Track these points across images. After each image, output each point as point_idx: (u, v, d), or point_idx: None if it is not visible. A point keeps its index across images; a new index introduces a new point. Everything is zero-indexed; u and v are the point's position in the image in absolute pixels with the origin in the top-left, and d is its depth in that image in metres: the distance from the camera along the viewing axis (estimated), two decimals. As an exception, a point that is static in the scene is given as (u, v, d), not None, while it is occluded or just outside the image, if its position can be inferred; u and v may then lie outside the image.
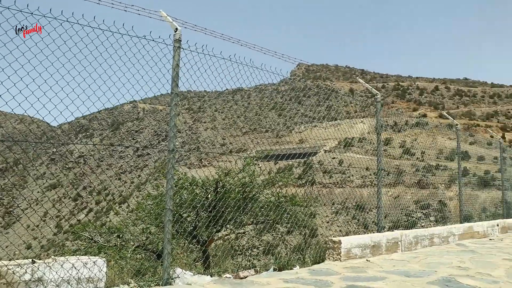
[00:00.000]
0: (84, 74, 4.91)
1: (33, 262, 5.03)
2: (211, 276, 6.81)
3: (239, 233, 12.79)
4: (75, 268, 5.31)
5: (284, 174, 12.83)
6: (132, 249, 9.83)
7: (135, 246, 10.08)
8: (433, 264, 6.55)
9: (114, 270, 7.48)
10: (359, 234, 8.66)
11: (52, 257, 5.44)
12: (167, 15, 5.62)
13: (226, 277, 6.88)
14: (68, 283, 5.24)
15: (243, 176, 10.87)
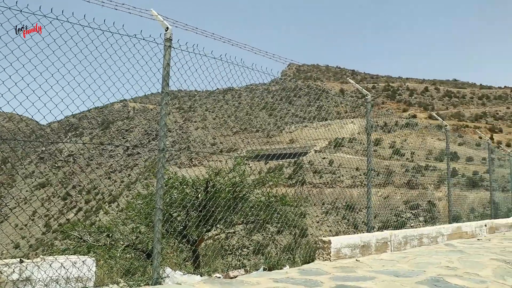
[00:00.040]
0: (74, 73, 4.89)
1: (21, 262, 5.00)
2: (201, 275, 6.81)
3: (229, 232, 12.76)
4: (64, 267, 5.28)
5: (275, 174, 12.85)
6: (121, 248, 9.78)
7: (124, 245, 10.03)
8: (422, 264, 6.59)
9: (103, 270, 7.45)
10: (349, 234, 8.70)
11: (41, 256, 5.41)
12: (157, 14, 5.61)
13: (216, 276, 6.88)
14: (57, 283, 5.21)
15: (234, 175, 10.87)
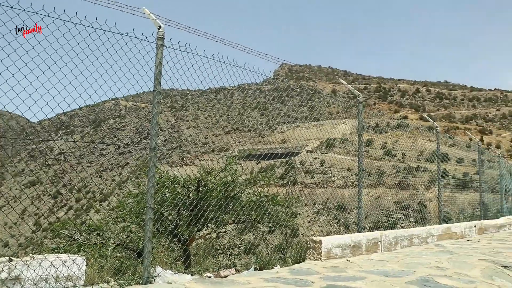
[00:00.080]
0: (65, 70, 4.85)
1: (10, 260, 4.96)
2: (192, 275, 6.80)
3: (220, 232, 12.76)
4: (54, 266, 5.25)
5: (266, 174, 12.86)
6: (112, 247, 9.75)
7: (115, 244, 10.01)
8: (412, 264, 6.63)
9: (93, 269, 7.42)
10: (340, 234, 8.73)
11: (30, 255, 5.37)
12: (150, 12, 5.59)
13: (207, 276, 6.88)
14: (46, 282, 5.18)
15: (225, 175, 10.87)
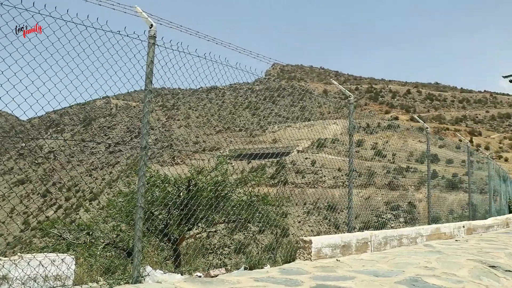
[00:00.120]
0: (55, 68, 4.82)
1: (-2, 259, 4.92)
2: (182, 274, 6.79)
3: (211, 231, 12.75)
4: (43, 265, 5.21)
5: (257, 174, 12.86)
6: (102, 246, 9.71)
7: (105, 243, 9.96)
8: (401, 264, 6.66)
9: (83, 268, 7.38)
10: (330, 234, 8.75)
11: (18, 254, 5.33)
12: (142, 11, 5.57)
13: (197, 275, 6.87)
14: (35, 281, 5.14)
15: (216, 174, 10.86)
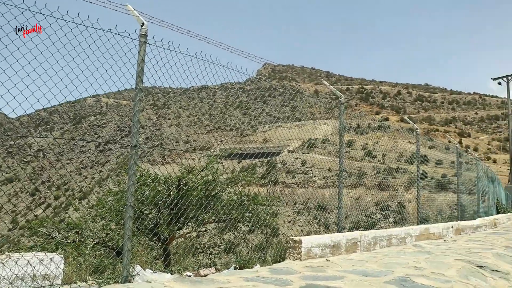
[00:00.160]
0: (45, 66, 4.78)
1: (-14, 258, 4.88)
2: (171, 274, 6.77)
3: (201, 231, 12.73)
4: (31, 265, 5.17)
5: (247, 173, 12.87)
6: (91, 245, 9.66)
7: (94, 242, 9.91)
8: (390, 264, 6.69)
9: (72, 267, 7.33)
10: (320, 234, 8.78)
11: (6, 253, 5.29)
12: (133, 9, 5.55)
13: (187, 275, 6.86)
14: (23, 280, 5.10)
15: (206, 174, 10.85)
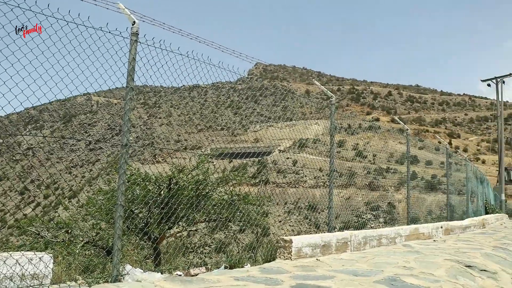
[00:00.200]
0: (35, 63, 4.75)
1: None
2: (162, 273, 6.76)
3: (191, 230, 12.70)
4: (19, 264, 5.14)
5: (238, 173, 12.86)
6: (81, 245, 9.61)
7: (84, 242, 9.86)
8: (380, 264, 6.73)
9: (61, 267, 7.29)
10: (311, 233, 8.80)
11: (-5, 252, 5.25)
12: (125, 7, 5.53)
13: (177, 274, 6.85)
14: (11, 280, 5.06)
15: (197, 173, 10.82)
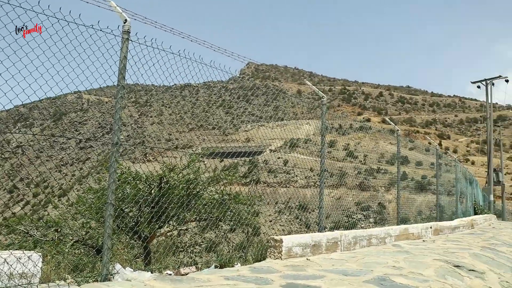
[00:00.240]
0: (25, 61, 4.71)
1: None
2: (152, 272, 6.74)
3: (182, 229, 12.68)
4: (7, 263, 5.10)
5: (229, 172, 12.85)
6: (70, 243, 9.56)
7: (73, 240, 9.80)
8: (369, 264, 6.75)
9: (50, 265, 7.25)
10: (301, 233, 8.82)
11: (-17, 251, 5.21)
12: (116, 5, 5.51)
13: (167, 273, 6.84)
14: (-1, 278, 5.02)
15: (188, 172, 10.80)
